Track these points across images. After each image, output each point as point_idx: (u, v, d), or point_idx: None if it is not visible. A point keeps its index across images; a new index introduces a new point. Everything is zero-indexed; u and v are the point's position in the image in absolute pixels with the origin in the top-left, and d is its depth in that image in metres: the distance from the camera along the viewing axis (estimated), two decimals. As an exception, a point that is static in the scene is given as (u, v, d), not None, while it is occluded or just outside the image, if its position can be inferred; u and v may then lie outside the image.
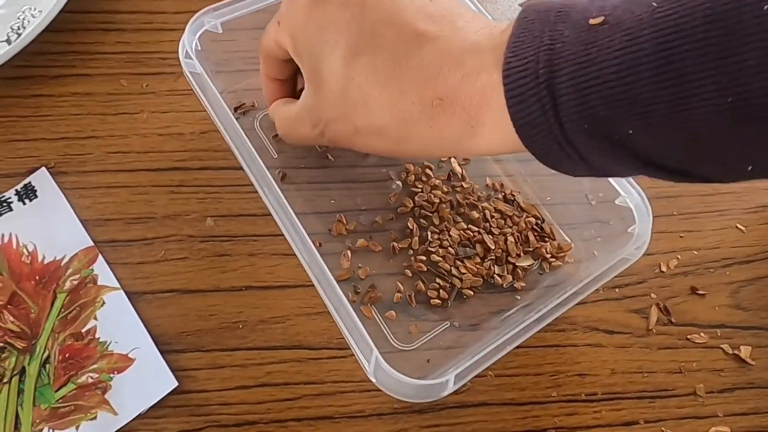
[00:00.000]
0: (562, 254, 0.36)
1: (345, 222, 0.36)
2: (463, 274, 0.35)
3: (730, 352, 0.35)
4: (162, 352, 0.32)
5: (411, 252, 0.36)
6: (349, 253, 0.35)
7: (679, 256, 0.38)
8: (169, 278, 0.34)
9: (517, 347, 0.34)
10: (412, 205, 0.37)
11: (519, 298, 0.35)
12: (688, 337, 0.36)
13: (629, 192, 0.33)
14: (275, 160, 0.37)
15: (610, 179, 0.34)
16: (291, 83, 0.33)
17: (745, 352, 0.35)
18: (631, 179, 0.34)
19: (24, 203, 0.36)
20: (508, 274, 0.35)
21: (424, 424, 0.32)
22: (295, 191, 0.37)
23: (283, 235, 0.29)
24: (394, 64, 0.24)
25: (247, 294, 0.34)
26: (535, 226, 0.37)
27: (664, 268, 0.38)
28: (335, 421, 0.32)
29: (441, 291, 0.35)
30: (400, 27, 0.24)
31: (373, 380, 0.27)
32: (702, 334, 0.36)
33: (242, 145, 0.31)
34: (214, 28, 0.35)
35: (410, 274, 0.35)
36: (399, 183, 0.38)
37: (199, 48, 0.34)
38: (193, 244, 0.35)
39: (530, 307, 0.32)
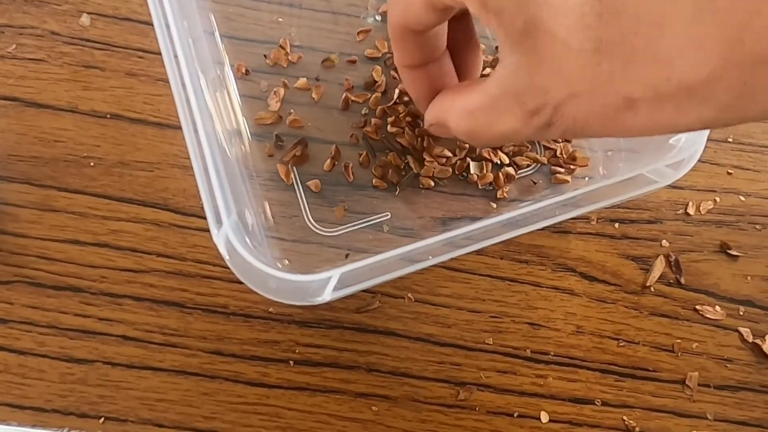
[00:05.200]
0: (573, 166, 0.26)
1: (288, 50, 0.26)
2: (427, 157, 0.25)
3: (750, 339, 0.26)
4: (-21, 175, 0.24)
5: (366, 111, 0.26)
6: (282, 91, 0.26)
7: (717, 199, 0.27)
8: (13, 82, 0.25)
9: (456, 270, 0.26)
10: (386, 50, 0.27)
11: (494, 206, 0.25)
12: (697, 307, 0.26)
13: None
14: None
15: None
16: (439, 66, 0.21)
17: (770, 344, 0.25)
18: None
19: None
20: (488, 172, 0.25)
21: (302, 340, 0.24)
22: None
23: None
24: None
25: (112, 124, 0.25)
26: None
27: (691, 210, 0.27)
28: (185, 312, 0.24)
29: (390, 171, 0.25)
30: None
31: (225, 257, 0.18)
32: (717, 308, 0.26)
33: None
34: None
35: (357, 140, 0.26)
36: (378, 17, 0.27)
37: None
38: (55, 44, 0.26)
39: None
